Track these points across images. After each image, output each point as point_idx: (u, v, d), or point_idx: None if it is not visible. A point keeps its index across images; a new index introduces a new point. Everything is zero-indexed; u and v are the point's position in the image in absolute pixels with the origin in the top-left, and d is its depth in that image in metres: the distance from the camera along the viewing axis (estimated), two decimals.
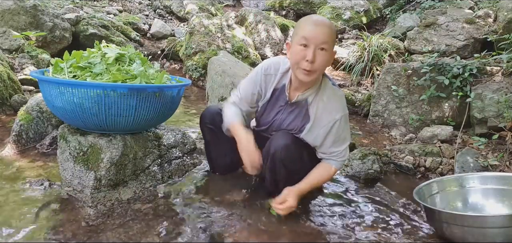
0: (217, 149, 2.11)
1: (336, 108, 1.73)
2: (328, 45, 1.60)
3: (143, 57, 2.22)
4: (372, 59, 4.55)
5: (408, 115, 3.26)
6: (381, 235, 1.89)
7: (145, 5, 7.33)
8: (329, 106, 1.73)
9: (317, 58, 1.59)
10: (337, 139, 1.77)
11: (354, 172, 2.46)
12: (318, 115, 1.74)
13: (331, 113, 1.72)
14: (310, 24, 1.62)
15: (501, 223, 1.66)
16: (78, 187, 2.00)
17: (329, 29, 1.62)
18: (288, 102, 1.79)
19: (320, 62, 1.61)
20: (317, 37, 1.58)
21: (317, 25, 1.61)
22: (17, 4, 4.55)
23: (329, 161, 1.84)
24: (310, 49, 1.58)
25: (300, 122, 1.79)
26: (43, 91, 2.05)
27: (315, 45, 1.58)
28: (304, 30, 1.61)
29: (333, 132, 1.75)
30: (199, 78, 4.72)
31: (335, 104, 1.73)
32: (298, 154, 1.83)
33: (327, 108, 1.73)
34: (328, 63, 1.67)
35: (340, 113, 1.73)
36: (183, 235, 1.79)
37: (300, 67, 1.62)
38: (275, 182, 1.92)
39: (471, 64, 3.12)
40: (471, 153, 2.56)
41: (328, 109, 1.73)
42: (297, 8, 7.15)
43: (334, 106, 1.73)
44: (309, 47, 1.58)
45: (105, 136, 2.04)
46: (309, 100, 1.75)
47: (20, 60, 4.00)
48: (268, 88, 1.81)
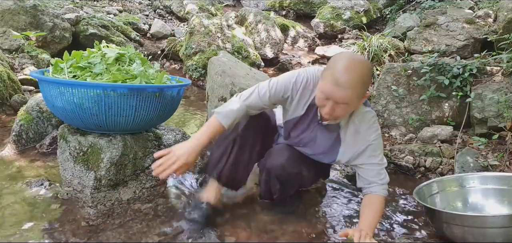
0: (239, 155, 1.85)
1: (369, 131, 1.68)
2: (350, 100, 1.49)
3: (143, 57, 2.22)
4: (372, 59, 4.55)
5: (408, 115, 3.26)
6: (381, 235, 1.89)
7: (145, 5, 7.33)
8: (361, 129, 1.68)
9: (336, 112, 1.53)
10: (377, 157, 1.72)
11: (354, 172, 2.46)
12: (350, 139, 1.69)
13: (365, 137, 1.68)
14: (335, 82, 1.47)
15: (501, 223, 1.66)
16: (78, 187, 2.00)
17: (351, 91, 1.47)
18: (320, 122, 1.72)
19: (341, 113, 1.54)
20: (336, 97, 1.48)
21: (337, 86, 1.46)
22: (17, 4, 4.55)
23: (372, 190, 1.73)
24: (328, 104, 1.51)
25: (332, 144, 1.74)
26: (43, 91, 2.05)
27: (333, 102, 1.50)
28: (327, 85, 1.49)
29: (373, 151, 1.70)
30: (199, 78, 4.72)
31: (366, 127, 1.68)
32: (295, 171, 1.81)
33: (359, 131, 1.68)
34: (354, 108, 1.60)
35: (373, 134, 1.68)
36: (183, 235, 1.79)
37: (321, 111, 1.58)
38: (269, 192, 1.93)
39: (471, 64, 3.12)
40: (471, 153, 2.56)
41: (360, 133, 1.68)
42: (297, 8, 7.15)
43: (366, 129, 1.68)
44: (329, 101, 1.50)
45: (105, 136, 2.04)
46: (341, 124, 1.70)
47: (20, 60, 4.00)
48: (301, 102, 1.70)
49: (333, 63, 1.53)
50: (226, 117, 1.69)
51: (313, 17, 6.57)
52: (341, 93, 1.47)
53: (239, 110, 1.71)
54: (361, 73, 1.49)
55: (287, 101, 1.73)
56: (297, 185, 1.94)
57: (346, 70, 1.47)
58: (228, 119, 1.69)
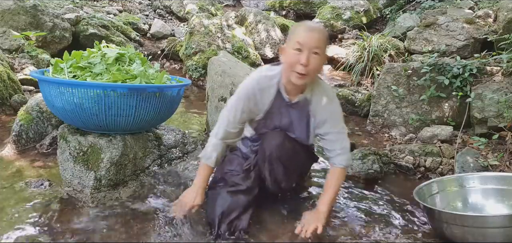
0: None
1: (330, 97, 1.86)
2: (321, 50, 1.70)
3: (143, 57, 2.22)
4: (372, 59, 4.54)
5: (408, 115, 3.26)
6: (381, 235, 1.89)
7: (145, 5, 7.33)
8: (323, 98, 1.85)
9: (310, 62, 1.67)
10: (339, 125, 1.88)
11: (354, 172, 2.46)
12: (316, 109, 1.85)
13: (327, 106, 1.85)
14: (304, 30, 1.72)
15: (501, 223, 1.66)
16: (78, 187, 2.00)
17: (322, 35, 1.72)
18: (289, 103, 1.85)
19: (313, 66, 1.69)
20: (310, 42, 1.67)
21: (311, 31, 1.71)
22: (17, 4, 4.55)
23: (334, 161, 1.89)
24: (304, 53, 1.67)
25: (305, 120, 1.87)
26: (43, 92, 2.05)
27: (308, 50, 1.67)
28: (298, 35, 1.70)
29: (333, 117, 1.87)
30: (199, 78, 4.72)
31: (328, 97, 1.86)
32: (292, 149, 1.89)
33: (323, 101, 1.85)
34: (321, 66, 1.77)
35: (334, 102, 1.87)
36: (183, 235, 1.79)
37: (295, 70, 1.70)
38: (276, 182, 1.93)
39: (471, 64, 3.12)
40: (471, 153, 2.56)
41: (324, 103, 1.85)
42: (297, 8, 7.14)
43: (328, 98, 1.86)
44: (303, 52, 1.67)
45: (105, 136, 2.04)
46: (308, 98, 1.84)
47: (20, 60, 4.00)
48: (265, 100, 1.86)
49: (297, 25, 1.81)
50: (209, 158, 1.88)
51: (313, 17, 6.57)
52: (315, 36, 1.69)
53: (217, 146, 1.89)
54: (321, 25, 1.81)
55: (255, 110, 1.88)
56: (297, 167, 1.99)
57: (310, 23, 1.82)
58: (210, 159, 1.88)
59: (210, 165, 1.88)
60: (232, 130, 1.88)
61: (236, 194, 1.86)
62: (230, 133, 1.89)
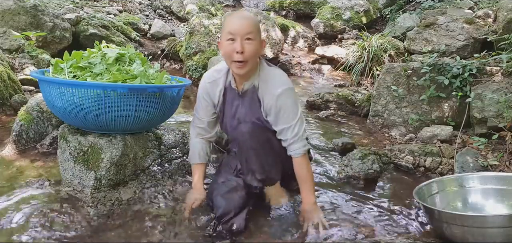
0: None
1: (277, 84, 1.82)
2: (253, 34, 1.74)
3: (143, 57, 2.22)
4: (372, 59, 4.55)
5: (408, 115, 3.26)
6: (381, 235, 1.89)
7: (145, 5, 7.33)
8: (269, 85, 1.84)
9: (245, 48, 1.72)
10: (289, 112, 1.83)
11: (354, 172, 2.46)
12: (263, 95, 1.85)
13: (271, 91, 1.82)
14: (233, 19, 1.79)
15: (501, 223, 1.67)
16: (78, 187, 2.00)
17: (251, 21, 1.78)
18: (239, 94, 1.90)
19: (249, 51, 1.73)
20: (241, 29, 1.73)
21: (240, 19, 1.78)
22: (17, 4, 4.55)
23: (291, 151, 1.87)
24: (237, 41, 1.72)
25: (257, 107, 1.88)
26: (43, 92, 2.05)
27: (240, 37, 1.72)
28: (229, 25, 1.76)
29: (280, 106, 1.82)
30: (199, 78, 4.71)
31: (275, 81, 1.84)
32: (263, 135, 1.89)
33: (268, 87, 1.84)
34: (258, 51, 1.79)
35: (280, 88, 1.81)
36: (182, 235, 1.79)
37: (233, 60, 1.75)
38: (251, 171, 1.92)
39: (471, 64, 3.12)
40: (471, 153, 2.57)
41: (269, 89, 1.83)
42: (297, 8, 7.14)
43: (274, 83, 1.83)
44: (236, 40, 1.72)
45: (105, 136, 2.04)
46: (255, 85, 1.87)
47: (20, 60, 4.00)
48: (215, 93, 1.95)
49: (227, 16, 1.86)
50: (192, 158, 2.06)
51: (313, 17, 6.57)
52: (243, 22, 1.75)
53: (195, 144, 2.06)
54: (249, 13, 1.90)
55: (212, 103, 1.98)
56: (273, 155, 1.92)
57: (239, 12, 1.88)
58: (194, 158, 2.05)
59: (197, 163, 2.03)
60: (200, 125, 2.03)
61: (230, 194, 1.86)
62: (200, 128, 2.04)
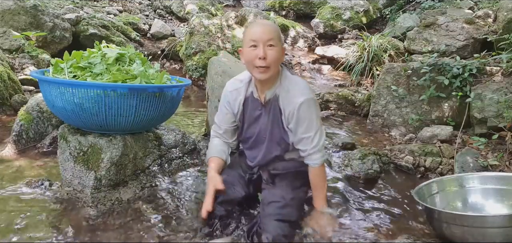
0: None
1: (298, 93, 1.80)
2: (275, 41, 1.75)
3: (143, 57, 2.22)
4: (372, 59, 4.55)
5: (408, 115, 3.26)
6: (381, 235, 1.89)
7: (145, 5, 7.33)
8: (291, 94, 1.81)
9: (268, 54, 1.73)
10: (309, 122, 1.80)
11: (354, 172, 2.46)
12: (285, 104, 1.82)
13: (294, 98, 1.80)
14: (255, 26, 1.81)
15: (500, 223, 1.67)
16: (78, 187, 2.00)
17: (272, 27, 1.80)
18: (262, 104, 1.87)
19: (272, 57, 1.74)
20: (263, 36, 1.74)
21: (262, 26, 1.80)
22: (17, 4, 4.55)
23: (308, 161, 1.84)
24: (259, 48, 1.73)
25: (278, 117, 1.85)
26: (44, 92, 2.05)
27: (263, 43, 1.73)
28: (251, 33, 1.78)
29: (302, 116, 1.79)
30: (199, 78, 4.72)
31: (296, 90, 1.81)
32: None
33: (289, 96, 1.81)
34: (280, 57, 1.79)
35: (302, 97, 1.79)
36: (182, 235, 1.79)
37: (255, 65, 1.75)
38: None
39: (471, 64, 3.12)
40: (471, 153, 2.57)
41: (290, 97, 1.81)
42: (297, 8, 7.14)
43: (295, 92, 1.81)
44: (258, 47, 1.73)
45: (105, 136, 2.04)
46: (277, 94, 1.84)
47: (20, 60, 4.00)
48: (236, 102, 1.92)
49: (249, 24, 1.89)
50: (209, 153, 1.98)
51: (313, 17, 6.57)
52: (265, 28, 1.77)
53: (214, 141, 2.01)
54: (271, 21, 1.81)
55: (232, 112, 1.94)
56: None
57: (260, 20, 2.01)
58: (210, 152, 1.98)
59: (213, 156, 1.95)
60: (219, 131, 1.99)
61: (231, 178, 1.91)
62: (220, 134, 1.99)
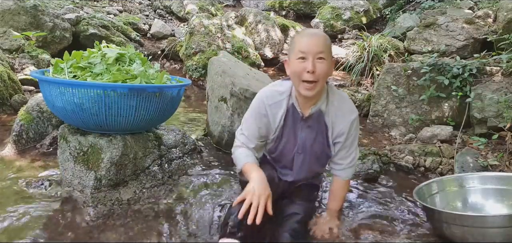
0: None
1: (350, 109, 1.77)
2: (325, 54, 1.63)
3: (143, 57, 2.22)
4: (372, 59, 4.55)
5: (408, 115, 3.26)
6: (381, 235, 1.89)
7: (145, 5, 7.33)
8: (342, 109, 1.75)
9: (317, 68, 1.61)
10: (354, 138, 1.81)
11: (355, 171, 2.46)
12: (334, 120, 1.75)
13: (346, 115, 1.75)
14: (305, 37, 1.67)
15: (500, 223, 1.66)
16: (79, 187, 2.00)
17: (324, 39, 1.66)
18: (303, 117, 1.76)
19: (321, 71, 1.62)
20: (313, 48, 1.61)
21: (312, 37, 1.66)
22: (17, 4, 4.55)
23: (338, 173, 1.85)
24: (308, 60, 1.61)
25: (322, 133, 1.78)
26: (44, 92, 2.05)
27: (312, 56, 1.61)
28: (300, 44, 1.64)
29: (352, 132, 1.77)
30: (199, 78, 4.72)
31: (347, 106, 1.77)
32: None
33: (340, 112, 1.75)
34: (329, 71, 1.67)
35: (354, 114, 1.77)
36: (182, 235, 1.79)
37: (302, 79, 1.63)
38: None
39: (471, 64, 3.12)
40: (471, 153, 2.57)
41: (342, 113, 1.75)
42: (297, 8, 7.15)
43: (347, 108, 1.76)
44: (307, 59, 1.61)
45: (105, 136, 2.04)
46: (322, 109, 1.75)
47: (20, 60, 4.00)
48: (276, 116, 1.77)
49: (297, 34, 1.75)
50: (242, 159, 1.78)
51: (313, 17, 6.58)
52: (317, 41, 1.63)
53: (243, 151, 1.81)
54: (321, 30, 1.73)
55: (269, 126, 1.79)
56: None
57: (310, 30, 1.85)
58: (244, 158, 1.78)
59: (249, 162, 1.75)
60: (249, 144, 1.81)
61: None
62: (248, 147, 1.81)
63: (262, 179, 1.65)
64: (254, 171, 1.70)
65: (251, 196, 1.57)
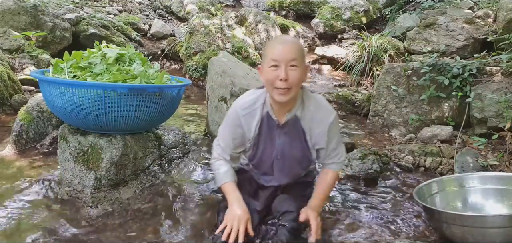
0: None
1: (326, 112, 1.74)
2: (298, 61, 1.62)
3: (143, 58, 2.22)
4: (372, 59, 4.55)
5: (408, 115, 3.26)
6: (381, 235, 1.89)
7: (145, 5, 7.33)
8: (319, 113, 1.73)
9: (289, 75, 1.61)
10: (336, 138, 1.79)
11: (354, 172, 2.46)
12: (311, 125, 1.74)
13: (323, 119, 1.73)
14: (277, 45, 1.66)
15: (500, 223, 1.67)
16: (79, 187, 2.00)
17: (296, 46, 1.66)
18: (279, 125, 1.76)
19: (293, 79, 1.62)
20: (285, 56, 1.61)
21: (284, 44, 1.65)
22: (17, 4, 4.55)
23: (329, 167, 1.83)
24: (281, 68, 1.60)
25: (299, 138, 1.77)
26: (44, 92, 2.05)
27: (285, 64, 1.60)
28: (272, 52, 1.64)
29: (333, 134, 1.76)
30: (199, 78, 4.72)
31: (323, 109, 1.75)
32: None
33: (317, 115, 1.73)
34: (302, 78, 1.67)
35: (331, 116, 1.74)
36: (182, 235, 1.79)
37: (275, 87, 1.63)
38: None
39: (471, 64, 3.12)
40: (471, 153, 2.57)
41: (319, 116, 1.73)
42: (297, 8, 7.14)
43: (323, 111, 1.74)
44: (280, 67, 1.61)
45: (105, 136, 2.04)
46: (298, 115, 1.74)
47: (20, 60, 4.00)
48: (251, 125, 1.77)
49: (269, 42, 1.76)
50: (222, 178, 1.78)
51: (313, 17, 6.57)
52: (289, 48, 1.63)
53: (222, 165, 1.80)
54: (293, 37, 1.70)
55: (244, 136, 1.78)
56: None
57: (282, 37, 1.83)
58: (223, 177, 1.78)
59: (229, 181, 1.77)
60: (226, 156, 1.81)
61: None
62: (225, 158, 1.81)
63: (240, 204, 1.70)
64: (232, 194, 1.74)
65: (231, 222, 1.66)
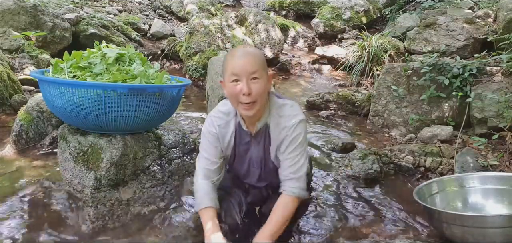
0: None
1: (289, 116, 1.68)
2: (259, 72, 1.57)
3: (143, 57, 2.22)
4: (372, 59, 4.55)
5: (408, 115, 3.26)
6: (381, 235, 1.89)
7: (145, 5, 7.33)
8: (282, 117, 1.68)
9: (252, 89, 1.56)
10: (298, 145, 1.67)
11: (354, 172, 2.46)
12: (276, 132, 1.69)
13: (285, 124, 1.67)
14: (236, 58, 1.60)
15: (501, 223, 1.67)
16: (78, 187, 2.00)
17: (255, 58, 1.60)
18: (252, 135, 1.73)
19: (257, 91, 1.57)
20: (246, 69, 1.55)
21: (243, 58, 1.59)
22: (17, 4, 4.55)
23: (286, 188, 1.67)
24: (242, 82, 1.55)
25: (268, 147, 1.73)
26: (43, 92, 2.05)
27: (246, 77, 1.55)
28: (233, 66, 1.58)
29: (293, 137, 1.67)
30: (199, 78, 4.72)
31: (286, 114, 1.69)
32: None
33: (281, 120, 1.68)
34: (266, 88, 1.63)
35: (294, 118, 1.67)
36: (182, 235, 1.79)
37: (240, 102, 1.59)
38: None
39: (471, 64, 3.12)
40: (471, 153, 2.56)
41: (282, 120, 1.68)
42: (297, 8, 7.15)
43: (286, 115, 1.69)
44: (241, 81, 1.56)
45: (105, 136, 2.04)
46: (268, 123, 1.70)
47: (20, 60, 4.00)
48: (226, 136, 1.74)
49: (228, 55, 1.68)
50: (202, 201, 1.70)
51: (313, 17, 6.58)
52: (246, 60, 1.57)
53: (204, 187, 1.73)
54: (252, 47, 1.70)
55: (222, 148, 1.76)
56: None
57: (241, 49, 1.70)
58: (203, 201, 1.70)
59: (208, 206, 1.68)
60: (211, 166, 1.75)
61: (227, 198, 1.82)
62: (210, 170, 1.75)
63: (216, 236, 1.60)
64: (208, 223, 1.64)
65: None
